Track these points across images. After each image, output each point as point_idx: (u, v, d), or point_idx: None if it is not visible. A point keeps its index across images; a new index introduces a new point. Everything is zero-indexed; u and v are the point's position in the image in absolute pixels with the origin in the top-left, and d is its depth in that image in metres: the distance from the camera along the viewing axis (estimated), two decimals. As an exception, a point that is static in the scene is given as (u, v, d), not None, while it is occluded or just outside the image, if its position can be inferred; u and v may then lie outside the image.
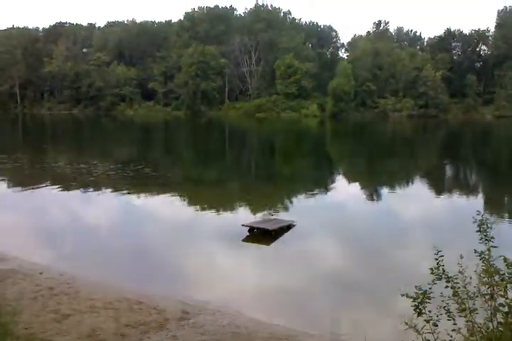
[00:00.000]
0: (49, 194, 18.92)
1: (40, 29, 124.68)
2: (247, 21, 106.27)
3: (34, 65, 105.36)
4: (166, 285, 9.32)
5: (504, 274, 4.60)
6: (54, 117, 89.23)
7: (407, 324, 4.83)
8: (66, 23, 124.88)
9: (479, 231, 4.92)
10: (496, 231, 5.05)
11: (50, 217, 15.22)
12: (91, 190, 19.61)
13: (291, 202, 18.18)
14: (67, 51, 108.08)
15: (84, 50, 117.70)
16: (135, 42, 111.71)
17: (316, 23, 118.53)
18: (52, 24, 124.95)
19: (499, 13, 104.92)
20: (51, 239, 12.66)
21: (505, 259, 4.68)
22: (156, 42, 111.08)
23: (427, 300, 4.77)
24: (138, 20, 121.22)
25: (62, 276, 9.37)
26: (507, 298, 4.51)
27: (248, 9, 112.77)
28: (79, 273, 9.62)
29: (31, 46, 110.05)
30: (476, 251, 4.80)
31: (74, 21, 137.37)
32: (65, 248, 11.95)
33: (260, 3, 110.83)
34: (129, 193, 19.16)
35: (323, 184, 22.37)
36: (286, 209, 16.64)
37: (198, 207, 17.10)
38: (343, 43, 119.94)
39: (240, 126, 72.68)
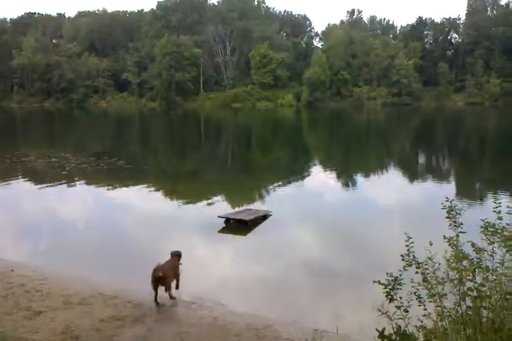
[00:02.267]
0: (20, 189, 18.52)
1: (8, 20, 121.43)
2: (220, 10, 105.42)
3: (2, 56, 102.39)
4: (141, 278, 9.21)
5: (472, 259, 4.69)
6: (24, 110, 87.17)
7: (380, 310, 4.89)
8: (35, 13, 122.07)
9: (448, 217, 4.99)
10: (464, 216, 5.14)
11: (21, 213, 14.90)
12: (63, 184, 19.26)
13: (267, 192, 18.19)
14: (37, 42, 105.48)
15: (54, 41, 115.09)
16: (107, 32, 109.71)
17: (290, 12, 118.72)
18: (20, 15, 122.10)
19: (469, 1, 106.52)
20: (23, 235, 12.41)
21: (472, 245, 4.77)
22: (129, 33, 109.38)
23: (398, 287, 4.84)
24: (109, 10, 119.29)
25: (34, 273, 9.20)
26: (475, 283, 4.61)
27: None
28: (52, 269, 9.45)
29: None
30: (445, 237, 4.88)
31: (43, 11, 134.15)
32: (38, 244, 11.73)
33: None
34: (102, 186, 18.90)
35: (298, 174, 22.45)
36: (261, 199, 16.68)
37: (173, 199, 16.98)
38: (317, 32, 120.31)
39: (216, 117, 72.30)
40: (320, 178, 21.21)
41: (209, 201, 16.35)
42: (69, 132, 47.23)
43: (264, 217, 13.25)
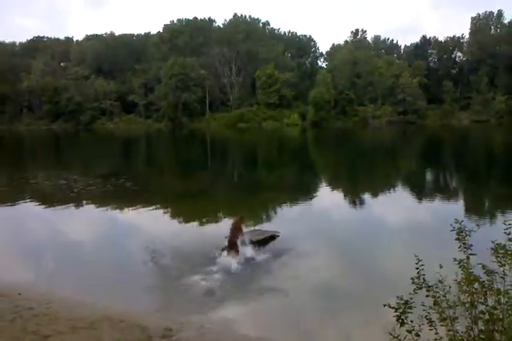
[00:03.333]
0: (27, 211, 18.56)
1: (17, 44, 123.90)
2: (226, 32, 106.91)
3: (12, 79, 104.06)
4: (149, 301, 9.18)
5: (483, 282, 4.63)
6: (32, 133, 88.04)
7: (391, 334, 4.82)
8: (43, 37, 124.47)
9: (458, 239, 4.96)
10: (474, 237, 5.10)
11: (28, 235, 14.91)
12: (71, 206, 19.32)
13: (274, 212, 18.15)
14: (45, 66, 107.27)
15: (63, 64, 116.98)
16: (114, 55, 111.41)
17: (295, 32, 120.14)
18: (29, 38, 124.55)
19: (473, 20, 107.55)
20: (30, 258, 12.40)
21: (483, 267, 4.72)
22: (135, 55, 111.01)
23: (409, 310, 4.77)
24: (116, 33, 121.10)
25: (41, 296, 9.16)
26: (487, 306, 4.54)
27: (227, 20, 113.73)
28: (59, 293, 9.41)
29: (8, 61, 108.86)
30: (455, 260, 4.84)
31: (51, 35, 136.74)
32: (45, 266, 11.70)
33: (239, 14, 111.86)
34: (110, 208, 18.93)
35: (306, 193, 22.41)
36: (269, 219, 16.61)
37: (180, 220, 16.96)
38: (321, 52, 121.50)
39: (222, 137, 72.69)
40: (327, 198, 21.13)
41: (216, 221, 16.32)
42: (76, 154, 47.59)
43: (272, 237, 13.17)
